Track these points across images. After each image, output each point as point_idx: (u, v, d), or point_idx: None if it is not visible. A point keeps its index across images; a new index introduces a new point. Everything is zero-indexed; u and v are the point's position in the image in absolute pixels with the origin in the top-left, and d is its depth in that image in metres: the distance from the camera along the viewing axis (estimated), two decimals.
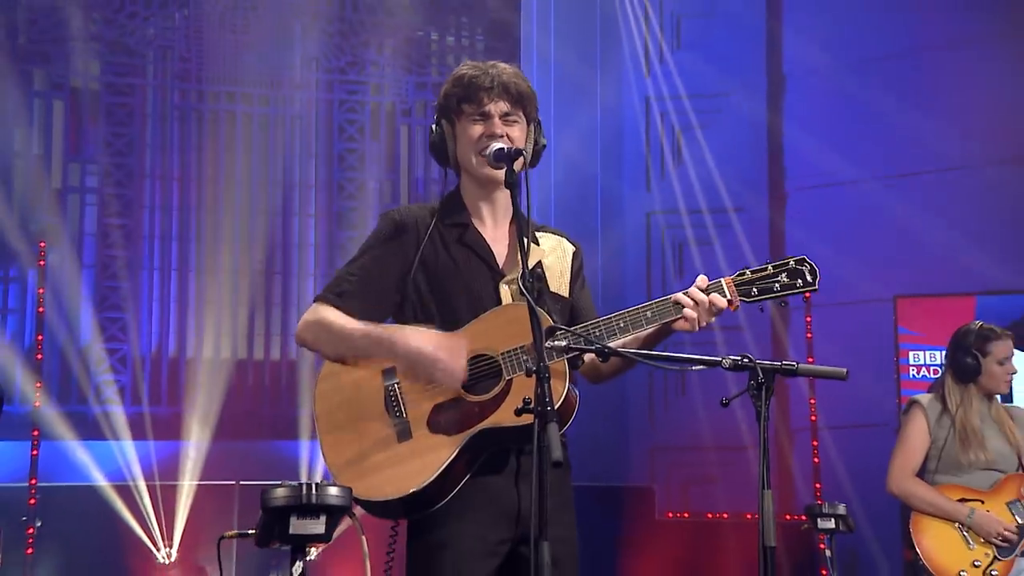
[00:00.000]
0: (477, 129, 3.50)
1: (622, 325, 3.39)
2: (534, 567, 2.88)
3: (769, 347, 10.09)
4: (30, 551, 8.30)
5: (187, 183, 10.78)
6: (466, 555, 3.34)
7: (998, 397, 5.80)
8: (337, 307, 3.52)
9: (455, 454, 3.31)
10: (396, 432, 3.38)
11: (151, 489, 9.64)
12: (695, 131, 10.68)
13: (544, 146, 3.67)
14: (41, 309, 9.39)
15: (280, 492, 3.05)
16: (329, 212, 11.08)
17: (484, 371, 3.37)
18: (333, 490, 3.06)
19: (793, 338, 9.98)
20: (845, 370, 3.26)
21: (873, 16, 10.22)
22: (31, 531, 8.43)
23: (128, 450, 9.85)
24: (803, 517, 9.89)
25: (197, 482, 9.89)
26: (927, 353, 8.33)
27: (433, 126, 3.62)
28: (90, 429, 9.82)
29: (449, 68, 11.33)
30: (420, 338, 3.38)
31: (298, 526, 3.01)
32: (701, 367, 3.30)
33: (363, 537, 3.24)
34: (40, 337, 9.36)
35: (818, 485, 9.94)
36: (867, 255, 9.20)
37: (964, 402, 5.65)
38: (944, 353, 8.17)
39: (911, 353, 8.30)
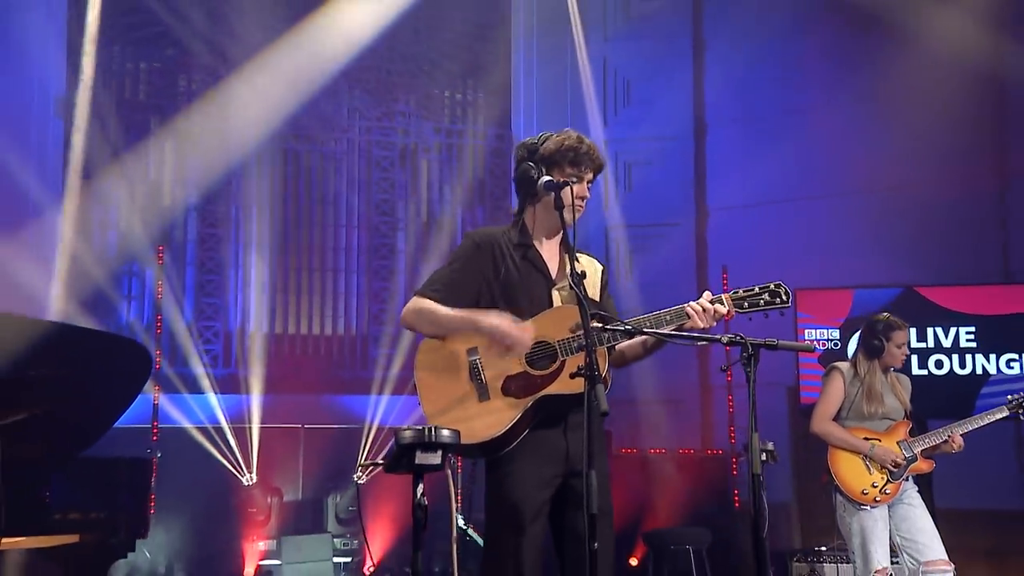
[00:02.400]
0: (573, 188, 3.55)
1: (649, 324, 3.51)
2: (585, 491, 3.04)
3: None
4: (153, 475, 8.38)
5: (262, 202, 10.75)
6: (529, 485, 3.45)
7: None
8: (432, 299, 3.61)
9: (521, 413, 3.43)
10: (477, 394, 3.50)
11: (234, 430, 9.71)
12: (641, 166, 10.70)
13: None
14: (159, 296, 9.48)
15: (408, 433, 3.09)
16: (369, 225, 11.04)
17: (543, 353, 3.48)
18: (446, 432, 3.10)
19: None
20: (814, 345, 3.41)
21: (770, 82, 10.22)
22: (154, 460, 8.55)
23: (220, 401, 9.89)
24: (720, 452, 10.07)
25: (271, 425, 9.94)
26: (817, 331, 8.35)
27: (531, 166, 3.62)
28: (193, 385, 9.84)
29: (458, 118, 11.48)
30: (498, 318, 3.48)
31: (421, 458, 3.07)
32: (704, 342, 3.52)
33: (448, 471, 3.31)
34: (159, 317, 9.47)
35: (732, 428, 10.07)
36: (771, 258, 9.23)
37: (871, 371, 5.72)
38: (839, 333, 8.44)
39: (806, 331, 8.31)
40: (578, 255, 3.60)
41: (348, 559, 8.94)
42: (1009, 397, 5.79)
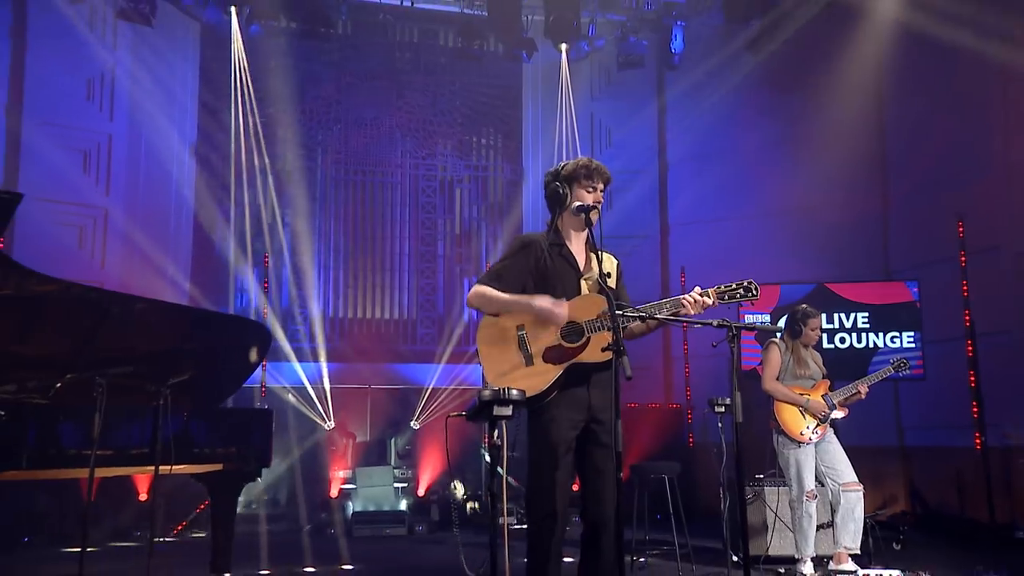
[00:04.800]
0: (586, 196, 3.57)
1: (654, 310, 3.48)
2: (613, 435, 3.04)
3: None
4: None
5: (338, 219, 10.79)
6: (561, 426, 3.41)
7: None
8: (490, 287, 3.55)
9: (557, 376, 3.40)
10: (524, 360, 3.45)
11: (316, 389, 9.78)
12: (619, 192, 10.58)
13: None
14: (265, 289, 9.57)
15: (487, 392, 3.07)
16: (416, 236, 11.05)
17: (574, 330, 3.44)
18: (515, 391, 3.08)
19: None
20: (779, 328, 3.42)
21: (715, 131, 10.26)
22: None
23: (308, 367, 9.96)
24: (678, 405, 10.16)
25: (345, 385, 10.01)
26: (753, 316, 8.31)
27: (557, 184, 3.62)
28: (286, 355, 9.88)
29: (483, 156, 11.51)
30: (545, 300, 3.44)
31: (498, 411, 3.05)
32: (699, 325, 3.48)
33: (495, 430, 3.17)
34: (266, 306, 9.58)
35: (688, 388, 10.16)
36: (717, 261, 9.34)
37: (795, 346, 5.77)
38: (769, 317, 8.46)
39: (745, 316, 8.15)
40: (602, 253, 3.57)
41: (405, 484, 9.01)
42: (892, 360, 5.87)
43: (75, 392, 4.39)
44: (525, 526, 3.48)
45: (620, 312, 3.32)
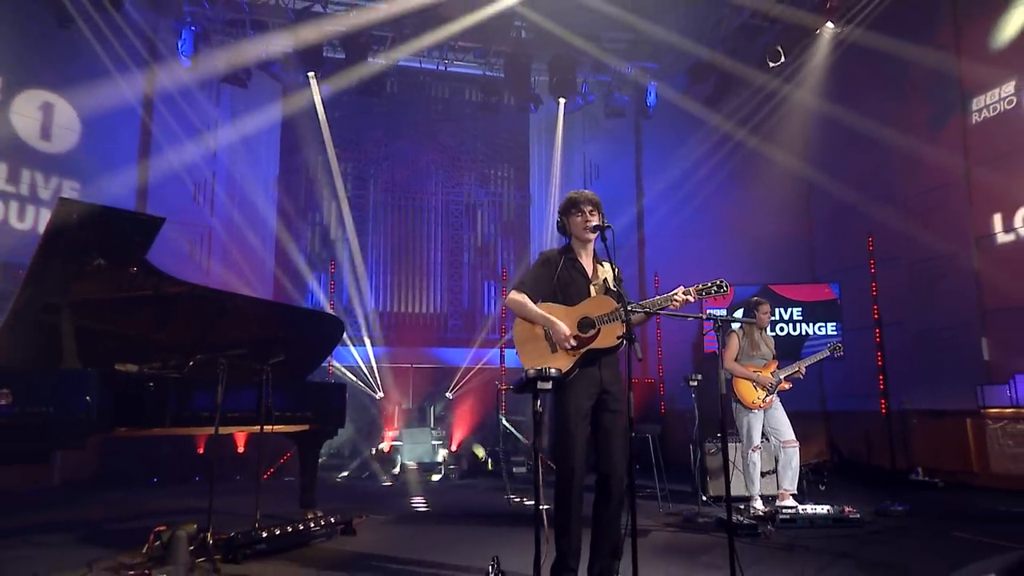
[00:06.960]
0: (580, 220, 3.50)
1: (650, 304, 3.41)
2: (626, 405, 3.04)
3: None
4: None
5: (385, 235, 10.84)
6: (580, 397, 3.35)
7: (766, 329, 5.89)
8: (524, 293, 3.48)
9: (577, 358, 3.36)
10: (550, 348, 3.39)
11: (368, 368, 9.85)
12: (607, 215, 10.69)
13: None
14: (332, 290, 9.63)
15: (531, 372, 3.04)
16: (448, 247, 11.11)
17: (588, 324, 3.38)
18: (553, 370, 3.06)
19: None
20: (755, 321, 3.38)
21: (681, 168, 10.19)
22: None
23: (362, 351, 9.96)
24: (653, 380, 10.17)
25: (393, 365, 10.03)
26: (712, 311, 8.36)
27: (559, 218, 3.58)
28: (346, 341, 9.80)
29: (499, 185, 11.53)
30: (558, 321, 3.38)
31: (541, 385, 3.04)
32: (691, 318, 3.42)
33: (538, 400, 3.09)
34: (331, 302, 9.63)
35: (660, 366, 10.20)
36: (684, 268, 9.35)
37: (751, 330, 5.71)
38: (726, 311, 8.47)
39: (707, 311, 8.23)
40: (605, 263, 3.54)
41: (441, 442, 9.06)
42: (829, 345, 5.85)
43: (202, 368, 4.45)
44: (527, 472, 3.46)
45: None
